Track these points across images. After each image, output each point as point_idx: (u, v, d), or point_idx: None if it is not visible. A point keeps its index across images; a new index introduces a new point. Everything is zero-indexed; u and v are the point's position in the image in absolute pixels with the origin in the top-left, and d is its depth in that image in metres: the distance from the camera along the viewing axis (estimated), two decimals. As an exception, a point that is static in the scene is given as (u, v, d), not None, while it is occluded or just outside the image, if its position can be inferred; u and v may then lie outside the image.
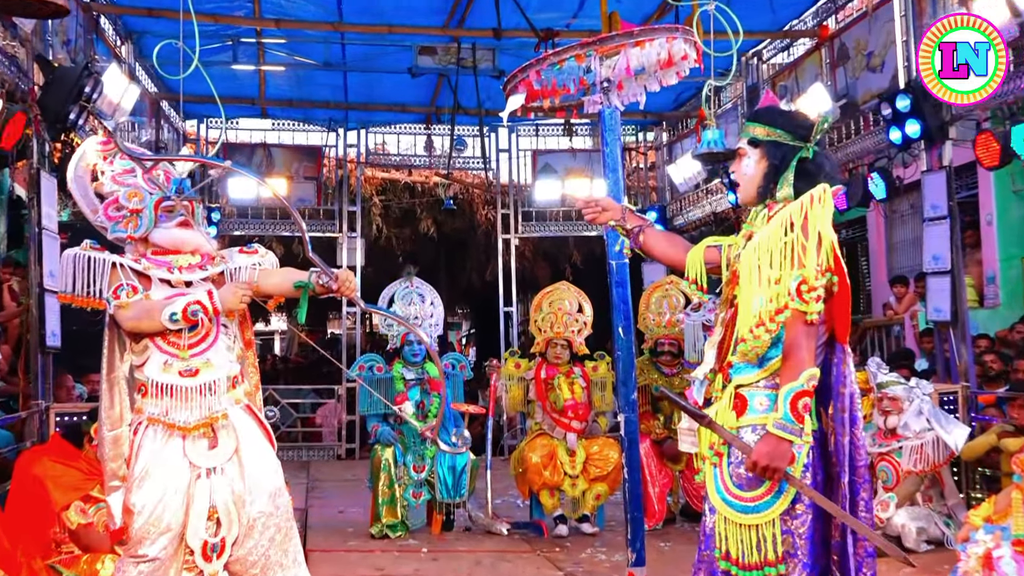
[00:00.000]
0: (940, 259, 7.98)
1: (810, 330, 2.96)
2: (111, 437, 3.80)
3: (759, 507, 3.00)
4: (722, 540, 3.04)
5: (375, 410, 7.07)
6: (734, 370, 3.13)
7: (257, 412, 3.97)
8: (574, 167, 13.81)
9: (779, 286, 2.96)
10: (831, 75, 9.98)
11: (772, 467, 2.93)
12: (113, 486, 3.79)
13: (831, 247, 2.96)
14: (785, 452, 2.93)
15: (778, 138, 3.17)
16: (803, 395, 2.91)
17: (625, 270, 4.36)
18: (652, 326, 7.60)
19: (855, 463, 3.05)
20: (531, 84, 4.43)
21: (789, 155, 3.15)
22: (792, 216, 2.99)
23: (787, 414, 2.91)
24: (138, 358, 3.81)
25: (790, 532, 2.99)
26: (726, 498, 3.06)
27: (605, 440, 7.14)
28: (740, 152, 3.26)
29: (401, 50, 10.74)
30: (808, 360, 2.95)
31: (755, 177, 3.21)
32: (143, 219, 3.86)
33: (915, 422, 6.49)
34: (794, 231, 2.96)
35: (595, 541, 6.78)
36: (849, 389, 3.08)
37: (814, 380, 2.95)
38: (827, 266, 2.96)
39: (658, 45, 4.24)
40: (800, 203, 3.00)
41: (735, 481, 3.05)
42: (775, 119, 3.22)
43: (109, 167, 3.92)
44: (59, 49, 7.83)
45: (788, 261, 2.96)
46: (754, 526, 3.00)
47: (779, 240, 2.98)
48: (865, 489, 3.06)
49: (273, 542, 3.80)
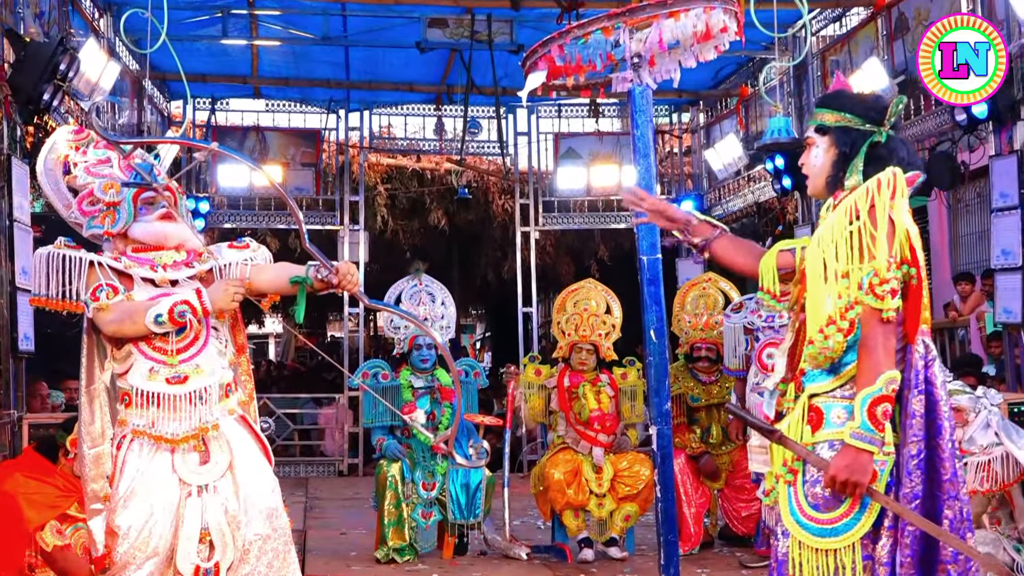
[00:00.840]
0: (1010, 254, 7.95)
1: (887, 329, 2.97)
2: (92, 455, 3.80)
3: (837, 530, 3.00)
4: (796, 567, 3.05)
5: (380, 421, 7.09)
6: (807, 378, 3.14)
7: (252, 424, 3.99)
8: (600, 152, 13.80)
9: (847, 280, 2.98)
10: (888, 49, 9.94)
11: (852, 481, 2.93)
12: (95, 509, 3.79)
13: (906, 236, 2.98)
14: (866, 465, 2.93)
15: (848, 123, 3.20)
16: (882, 400, 2.92)
17: (658, 266, 4.36)
18: (688, 328, 7.59)
19: (939, 477, 3.02)
20: (553, 60, 4.43)
21: (859, 141, 3.18)
22: (857, 203, 3.02)
23: (865, 422, 2.91)
24: (120, 366, 3.81)
25: (871, 558, 2.98)
26: (801, 520, 3.06)
27: (635, 455, 7.14)
28: (808, 141, 3.29)
29: (408, 22, 10.77)
30: (886, 362, 2.95)
31: (824, 167, 3.23)
32: (121, 213, 3.86)
33: (982, 436, 6.46)
34: (860, 219, 2.98)
35: (624, 567, 6.78)
36: (930, 393, 3.04)
37: (894, 384, 2.95)
38: (902, 257, 2.98)
39: (694, 16, 4.23)
40: (866, 188, 3.03)
41: (811, 501, 3.05)
42: (844, 103, 3.25)
43: (82, 158, 3.93)
44: (31, 22, 7.89)
45: (856, 252, 2.98)
46: (832, 551, 2.99)
47: (844, 230, 3.01)
48: (951, 507, 3.01)
49: (271, 568, 3.81)
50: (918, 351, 3.06)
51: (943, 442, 3.03)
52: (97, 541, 3.75)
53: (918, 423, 3.01)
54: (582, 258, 16.55)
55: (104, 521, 3.74)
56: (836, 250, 3.01)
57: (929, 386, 3.05)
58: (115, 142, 3.97)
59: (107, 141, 3.96)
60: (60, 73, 7.29)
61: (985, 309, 9.71)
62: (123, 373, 3.80)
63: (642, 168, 4.35)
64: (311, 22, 11.30)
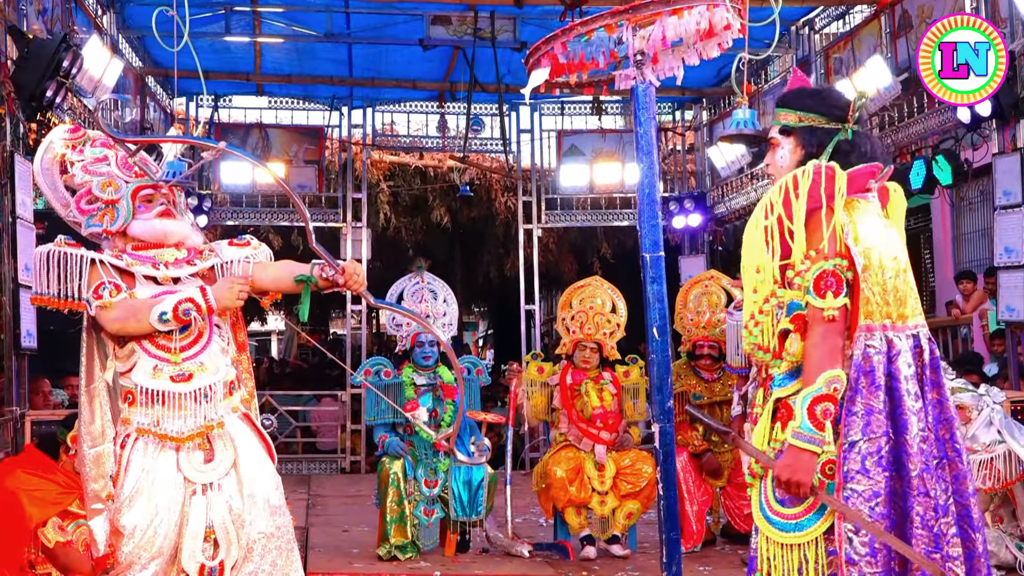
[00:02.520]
0: (1013, 251, 7.95)
1: (829, 328, 2.98)
2: (93, 455, 3.79)
3: (801, 524, 3.03)
4: (764, 561, 3.07)
5: (383, 419, 7.09)
6: (774, 383, 3.15)
7: (255, 422, 3.99)
8: (603, 149, 13.79)
9: (760, 275, 3.03)
10: (891, 46, 9.93)
11: (795, 481, 2.96)
12: (95, 508, 3.77)
13: (841, 229, 3.00)
14: (807, 464, 2.96)
15: (812, 122, 3.22)
16: (822, 400, 2.94)
17: (660, 264, 4.35)
18: (690, 326, 7.58)
19: (906, 473, 2.99)
20: (556, 57, 4.42)
21: (825, 139, 3.19)
22: (771, 198, 3.03)
23: (805, 422, 2.94)
24: (123, 364, 3.80)
25: (835, 553, 2.99)
26: (768, 515, 3.09)
27: (638, 453, 7.13)
28: (772, 142, 3.29)
29: (412, 19, 10.77)
30: (827, 361, 2.96)
31: (791, 168, 3.22)
32: (120, 211, 3.85)
33: (984, 434, 6.45)
34: (774, 213, 2.99)
35: (626, 565, 6.78)
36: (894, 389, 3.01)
37: (836, 383, 2.96)
38: (834, 251, 2.99)
39: (697, 13, 4.22)
40: (781, 183, 3.05)
41: (778, 497, 3.07)
42: (805, 102, 3.26)
43: (79, 156, 3.91)
44: (34, 19, 7.89)
45: (769, 247, 3.02)
46: (796, 546, 3.02)
47: (759, 226, 3.05)
48: (921, 504, 2.98)
49: (275, 566, 3.80)
50: (874, 346, 3.02)
51: (909, 438, 3.00)
52: (98, 541, 3.75)
53: (876, 420, 2.99)
54: (585, 255, 16.55)
55: (106, 521, 3.73)
56: (752, 245, 3.06)
57: (893, 381, 3.03)
58: (121, 140, 3.96)
59: (113, 139, 3.95)
60: (63, 70, 7.30)
61: (988, 307, 9.70)
62: (126, 371, 3.78)
63: (645, 166, 4.34)
64: (314, 19, 11.30)
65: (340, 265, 3.78)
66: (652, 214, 4.07)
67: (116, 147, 3.97)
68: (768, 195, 3.08)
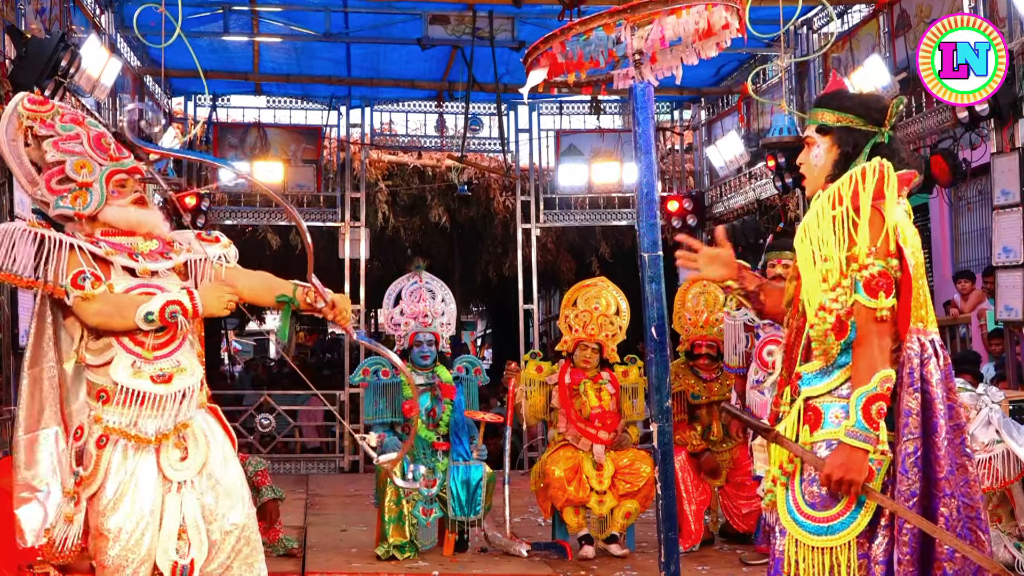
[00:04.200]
0: (1011, 251, 7.95)
1: (881, 328, 2.99)
2: (26, 440, 3.65)
3: (834, 528, 3.02)
4: (792, 565, 3.06)
5: (381, 418, 7.10)
6: (803, 381, 3.15)
7: (220, 414, 3.96)
8: (602, 149, 13.80)
9: (828, 264, 3.02)
10: (890, 46, 9.93)
11: (847, 480, 2.95)
12: (23, 498, 3.65)
13: (893, 231, 3.00)
14: (861, 463, 2.94)
15: (850, 123, 3.23)
16: (877, 399, 2.94)
17: (659, 264, 4.35)
18: (688, 326, 7.59)
19: (935, 474, 3.02)
20: (554, 57, 4.42)
21: (862, 141, 3.21)
22: (841, 190, 3.04)
23: (860, 421, 2.93)
24: (96, 357, 3.69)
25: (867, 556, 2.99)
26: (797, 518, 3.08)
27: (636, 452, 7.14)
28: (808, 141, 3.30)
29: (410, 19, 10.77)
30: (881, 361, 2.97)
31: (825, 167, 3.26)
32: (92, 194, 3.71)
33: (983, 433, 6.46)
34: (843, 205, 3.01)
35: (625, 564, 6.79)
36: (925, 391, 3.04)
37: (889, 383, 2.97)
38: (887, 251, 2.99)
39: (696, 13, 4.22)
40: (850, 175, 3.06)
41: (808, 500, 3.07)
42: (845, 102, 3.27)
43: (48, 131, 3.74)
44: (32, 18, 7.89)
45: (837, 237, 3.02)
46: (828, 549, 3.01)
47: (827, 215, 3.05)
48: (947, 505, 3.01)
49: (240, 555, 3.79)
50: (913, 349, 3.05)
51: (938, 440, 3.03)
52: (26, 533, 3.63)
53: (914, 421, 3.02)
54: (583, 255, 16.55)
55: (34, 512, 3.62)
56: (821, 235, 3.05)
57: (925, 384, 3.05)
58: (142, 148, 3.92)
59: (137, 148, 3.90)
60: (61, 69, 7.29)
61: (986, 307, 9.70)
62: (100, 365, 3.68)
63: (643, 165, 4.34)
64: (313, 18, 11.30)
65: (331, 298, 3.76)
66: (650, 214, 4.07)
67: (86, 125, 3.81)
68: (835, 185, 3.09)
